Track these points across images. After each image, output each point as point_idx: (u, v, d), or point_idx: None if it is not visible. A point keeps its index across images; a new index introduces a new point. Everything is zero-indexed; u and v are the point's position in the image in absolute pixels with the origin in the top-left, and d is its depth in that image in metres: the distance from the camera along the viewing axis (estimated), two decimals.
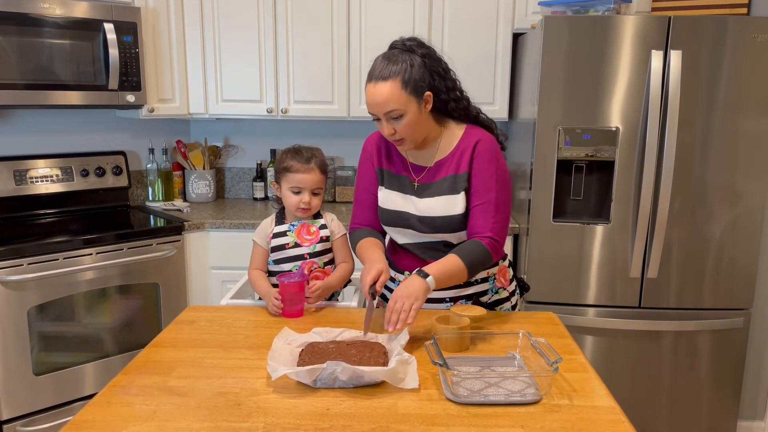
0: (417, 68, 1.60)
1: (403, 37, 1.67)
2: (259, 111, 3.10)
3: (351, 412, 1.22)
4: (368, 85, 1.61)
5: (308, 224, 1.93)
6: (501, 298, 1.84)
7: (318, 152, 1.94)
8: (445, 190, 1.71)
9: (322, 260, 1.92)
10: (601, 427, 1.17)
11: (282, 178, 1.91)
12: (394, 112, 1.59)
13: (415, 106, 1.61)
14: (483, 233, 1.66)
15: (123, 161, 3.14)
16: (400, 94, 1.57)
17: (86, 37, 2.63)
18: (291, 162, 1.88)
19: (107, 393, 1.29)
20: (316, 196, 1.91)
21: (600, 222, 2.52)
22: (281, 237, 1.92)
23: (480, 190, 1.68)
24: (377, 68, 1.60)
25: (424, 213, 1.72)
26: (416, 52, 1.62)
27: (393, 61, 1.59)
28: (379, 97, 1.58)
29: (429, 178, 1.75)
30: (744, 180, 2.45)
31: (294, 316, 1.75)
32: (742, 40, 2.34)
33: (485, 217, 1.67)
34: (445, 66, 1.69)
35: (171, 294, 2.79)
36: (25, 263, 2.36)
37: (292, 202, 1.90)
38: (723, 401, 2.63)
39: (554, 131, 2.46)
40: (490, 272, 1.80)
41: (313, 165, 1.89)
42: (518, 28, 2.93)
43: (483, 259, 1.65)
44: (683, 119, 2.39)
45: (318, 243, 1.91)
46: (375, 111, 1.61)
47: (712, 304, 2.55)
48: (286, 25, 3.01)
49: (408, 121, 1.61)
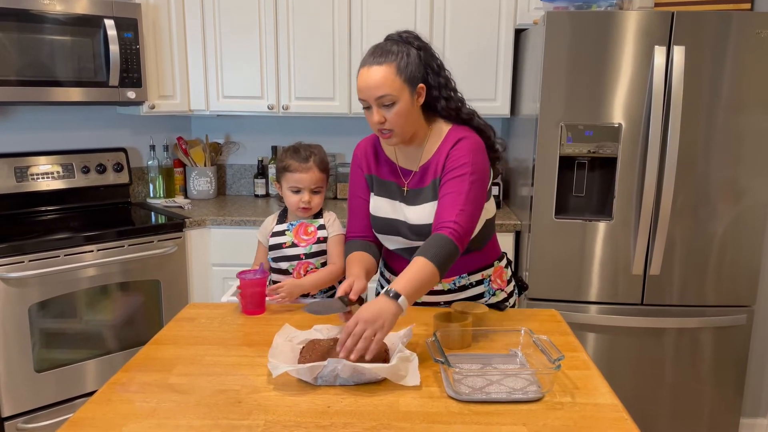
0: (413, 58, 1.57)
1: (399, 31, 1.64)
2: (260, 107, 3.09)
3: (352, 409, 1.21)
4: (361, 69, 1.56)
5: (306, 224, 1.93)
6: (499, 300, 1.80)
7: (318, 150, 1.93)
8: (431, 197, 1.65)
9: (318, 261, 1.91)
10: (604, 424, 1.17)
11: (282, 178, 1.91)
12: (386, 97, 1.54)
13: (407, 95, 1.56)
14: (446, 220, 1.53)
15: (124, 158, 3.13)
16: (394, 79, 1.53)
17: (87, 33, 2.62)
18: (289, 161, 1.88)
19: (107, 390, 1.29)
20: (316, 194, 1.91)
21: (602, 219, 2.51)
22: (280, 236, 1.92)
23: (450, 182, 1.59)
24: (371, 54, 1.56)
25: (415, 221, 1.67)
26: (412, 44, 1.59)
27: (388, 48, 1.56)
28: (372, 80, 1.53)
29: (417, 183, 1.70)
30: (747, 177, 2.43)
31: (254, 313, 1.73)
32: (746, 36, 2.33)
33: (452, 206, 1.55)
34: (440, 63, 1.65)
35: (172, 291, 2.79)
36: (27, 260, 2.36)
37: (292, 201, 1.90)
38: (725, 398, 2.63)
39: (556, 127, 2.44)
40: (484, 274, 1.76)
41: (312, 164, 1.88)
42: (520, 24, 2.92)
43: (450, 252, 1.50)
44: (686, 115, 2.38)
45: (315, 244, 1.91)
46: (366, 95, 1.56)
47: (714, 301, 2.54)
48: (288, 20, 3.00)
49: (399, 110, 1.55)
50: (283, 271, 1.93)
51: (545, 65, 2.42)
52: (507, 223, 2.79)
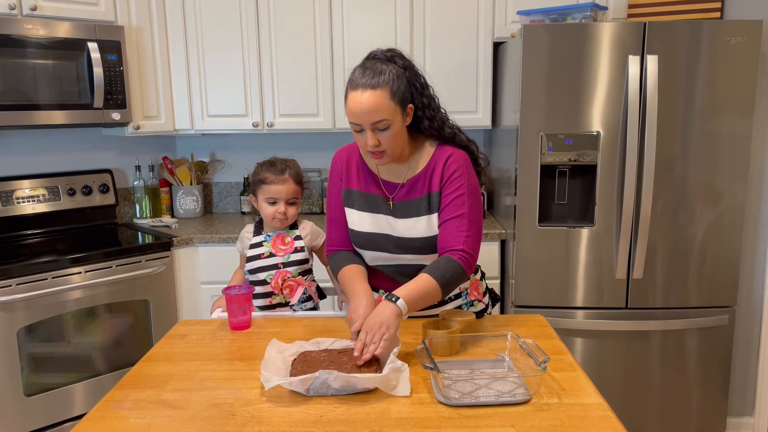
0: (402, 79, 1.58)
1: (382, 48, 1.64)
2: (245, 125, 3.12)
3: (344, 418, 1.23)
4: (353, 92, 1.54)
5: (283, 235, 1.99)
6: (477, 311, 1.83)
7: (292, 164, 2.00)
8: (423, 210, 1.67)
9: (296, 270, 1.96)
10: (590, 423, 1.20)
11: (258, 190, 1.97)
12: (382, 122, 1.54)
13: (400, 117, 1.58)
14: (455, 247, 1.60)
15: (110, 179, 3.14)
16: (389, 104, 1.53)
17: (70, 56, 2.64)
18: (266, 174, 1.95)
19: (102, 408, 1.30)
20: (292, 205, 1.97)
21: (585, 225, 2.56)
22: (257, 247, 1.98)
23: (452, 205, 1.64)
24: (363, 76, 1.54)
25: (404, 234, 1.68)
26: (397, 63, 1.60)
27: (378, 70, 1.54)
28: (367, 105, 1.52)
29: (404, 196, 1.70)
30: (724, 180, 2.50)
31: (240, 328, 1.75)
32: (717, 44, 2.40)
33: (458, 231, 1.61)
34: (423, 82, 1.66)
35: (161, 310, 2.79)
36: (14, 284, 2.35)
37: (268, 213, 1.96)
38: (712, 398, 2.67)
39: (537, 137, 2.50)
40: (462, 287, 1.79)
41: (288, 176, 1.95)
42: (498, 37, 2.98)
43: (457, 276, 1.58)
44: (662, 122, 2.44)
45: (292, 253, 1.97)
46: (361, 120, 1.54)
47: (697, 303, 2.59)
48: (270, 39, 3.04)
49: (393, 133, 1.57)
50: (260, 282, 1.96)
51: (524, 77, 2.48)
52: (492, 232, 2.83)
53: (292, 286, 1.94)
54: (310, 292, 1.99)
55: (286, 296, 1.96)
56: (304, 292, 1.96)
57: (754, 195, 2.71)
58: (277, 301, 1.97)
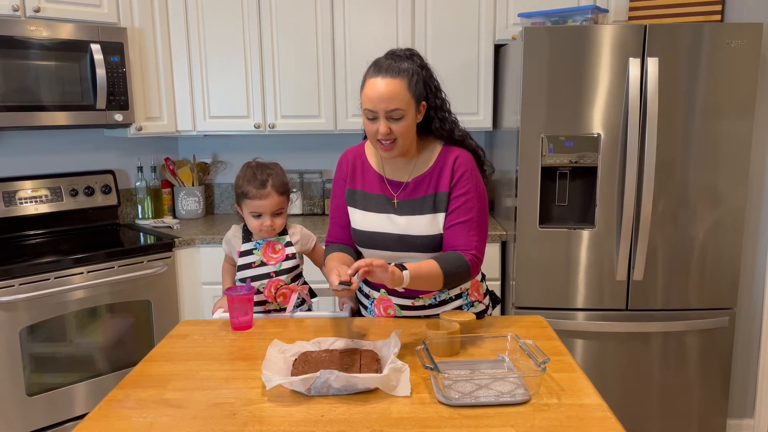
0: (419, 76, 1.61)
1: (401, 48, 1.68)
2: (247, 126, 3.13)
3: (345, 417, 1.24)
4: (373, 78, 1.57)
5: (273, 243, 1.93)
6: (478, 311, 1.84)
7: (275, 171, 1.89)
8: (428, 209, 1.69)
9: (288, 277, 1.93)
10: (589, 423, 1.20)
11: (241, 203, 1.90)
12: (397, 111, 1.57)
13: (413, 111, 1.61)
14: (467, 250, 1.65)
15: (112, 180, 3.15)
16: (406, 94, 1.57)
17: (73, 58, 2.65)
18: (247, 188, 1.85)
19: (104, 407, 1.31)
20: (278, 216, 1.90)
21: (585, 227, 2.56)
22: (248, 255, 1.93)
23: (462, 208, 1.67)
24: (385, 63, 1.58)
25: (406, 231, 1.70)
26: (415, 62, 1.64)
27: (398, 62, 1.59)
28: (385, 92, 1.55)
29: (408, 194, 1.72)
30: (724, 182, 2.50)
31: (242, 328, 1.76)
32: (717, 46, 2.41)
33: (468, 234, 1.65)
34: (437, 84, 1.69)
35: (163, 311, 2.80)
36: (16, 284, 2.36)
37: (254, 225, 1.90)
38: (712, 400, 2.67)
39: (538, 139, 2.50)
40: (463, 288, 1.80)
41: (269, 189, 1.85)
42: (499, 39, 2.99)
43: (462, 272, 1.62)
44: (662, 124, 2.45)
45: (284, 261, 1.92)
46: (377, 106, 1.56)
47: (697, 305, 2.59)
48: (272, 40, 3.05)
49: (405, 125, 1.60)
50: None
51: (525, 79, 2.49)
52: (493, 233, 2.84)
53: (285, 294, 1.92)
54: (303, 296, 1.98)
55: (280, 304, 1.94)
56: (297, 297, 1.95)
57: (755, 197, 2.72)
58: (272, 308, 1.95)
